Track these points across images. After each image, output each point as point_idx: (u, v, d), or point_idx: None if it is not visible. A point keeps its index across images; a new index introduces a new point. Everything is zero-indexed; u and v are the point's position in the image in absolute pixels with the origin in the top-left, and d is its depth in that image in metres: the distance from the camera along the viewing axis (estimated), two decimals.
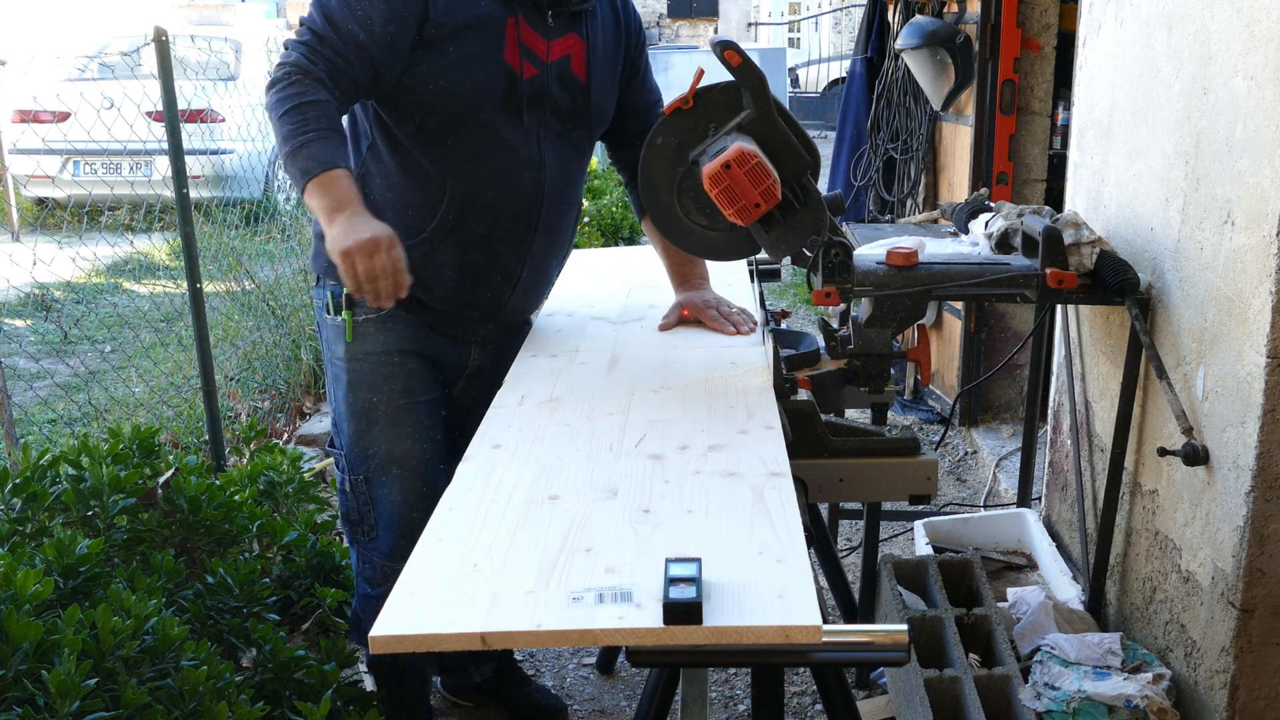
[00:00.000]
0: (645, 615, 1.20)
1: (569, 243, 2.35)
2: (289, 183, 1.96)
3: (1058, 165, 4.06)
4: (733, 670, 2.86)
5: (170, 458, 2.84)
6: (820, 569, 2.53)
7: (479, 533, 1.41)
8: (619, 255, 3.19)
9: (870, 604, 2.64)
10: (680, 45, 20.67)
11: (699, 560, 1.26)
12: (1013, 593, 2.55)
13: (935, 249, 2.60)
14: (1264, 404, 1.91)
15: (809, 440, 1.95)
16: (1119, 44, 2.55)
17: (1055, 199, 4.03)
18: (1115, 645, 2.27)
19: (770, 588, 1.24)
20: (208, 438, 3.53)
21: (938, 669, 2.20)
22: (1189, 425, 2.12)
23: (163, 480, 2.62)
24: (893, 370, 2.30)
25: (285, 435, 4.27)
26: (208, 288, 3.60)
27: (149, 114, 4.10)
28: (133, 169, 6.83)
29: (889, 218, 4.95)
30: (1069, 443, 2.87)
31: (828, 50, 21.35)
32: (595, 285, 2.71)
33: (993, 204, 2.82)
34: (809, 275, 2.17)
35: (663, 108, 2.33)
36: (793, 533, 1.37)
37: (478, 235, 2.12)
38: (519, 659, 2.93)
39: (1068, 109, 3.60)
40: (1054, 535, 2.96)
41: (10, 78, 7.90)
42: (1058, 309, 3.00)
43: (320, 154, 1.84)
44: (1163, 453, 2.23)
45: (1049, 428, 3.11)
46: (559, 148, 2.16)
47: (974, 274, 2.29)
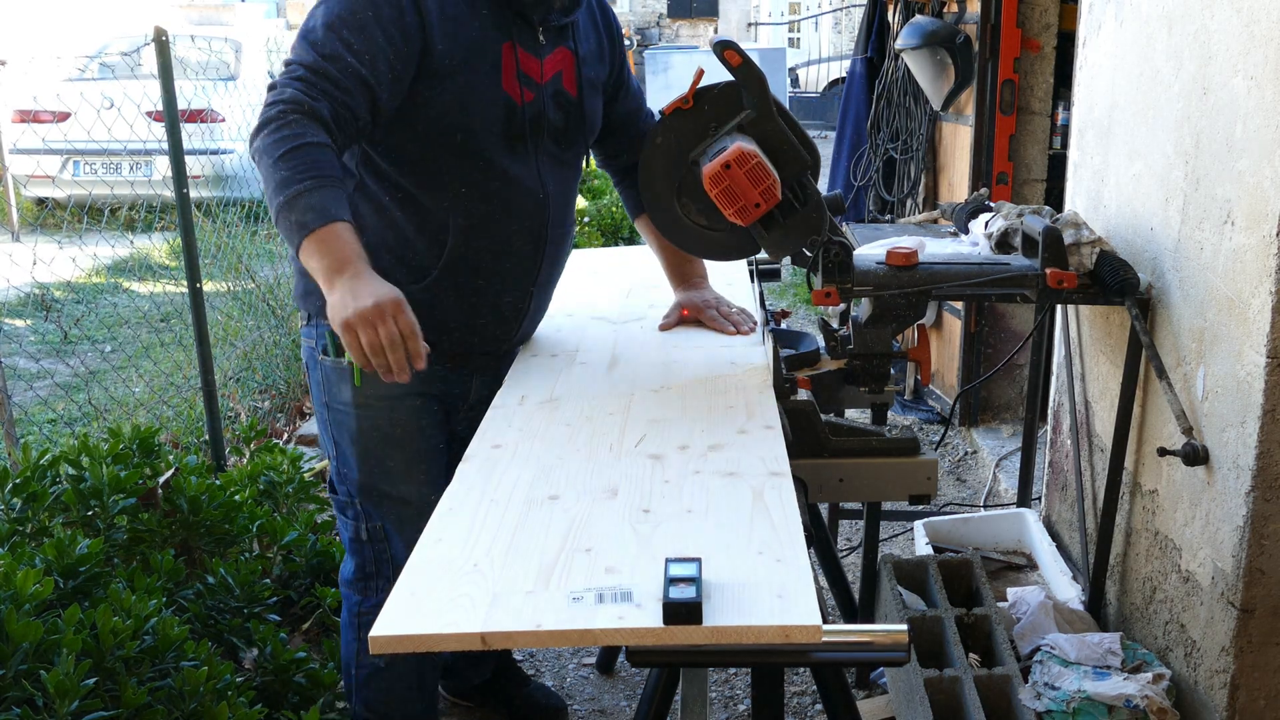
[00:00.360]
0: (645, 615, 1.20)
1: (566, 262, 2.27)
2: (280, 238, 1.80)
3: (1058, 165, 4.06)
4: (733, 670, 2.86)
5: (170, 458, 2.84)
6: (820, 569, 2.53)
7: (479, 533, 1.41)
8: (619, 255, 3.19)
9: (870, 604, 2.64)
10: (680, 45, 20.69)
11: (699, 560, 1.26)
12: (1013, 593, 2.55)
13: (935, 249, 2.60)
14: (1264, 404, 1.91)
15: (809, 440, 1.95)
16: (1119, 44, 2.55)
17: (1055, 199, 4.03)
18: (1115, 645, 2.27)
19: (770, 587, 1.24)
20: (208, 438, 3.54)
21: (938, 669, 2.20)
22: (1189, 425, 2.12)
23: (163, 480, 2.62)
24: (893, 370, 2.30)
25: (285, 435, 4.27)
26: (208, 287, 3.60)
27: (149, 114, 4.11)
28: (133, 169, 6.84)
29: (889, 218, 4.94)
30: (1069, 443, 2.87)
31: (828, 50, 21.36)
32: (595, 285, 2.71)
33: (993, 204, 2.82)
34: (809, 275, 2.17)
35: (646, 112, 2.31)
36: (792, 532, 1.37)
37: (485, 270, 2.03)
38: (519, 659, 2.93)
39: (1068, 109, 3.59)
40: (1054, 535, 2.96)
41: (10, 78, 7.89)
42: (1058, 309, 3.00)
43: (319, 205, 1.66)
44: (1163, 453, 2.23)
45: (1049, 428, 3.11)
46: (557, 171, 2.07)
47: (974, 274, 2.29)
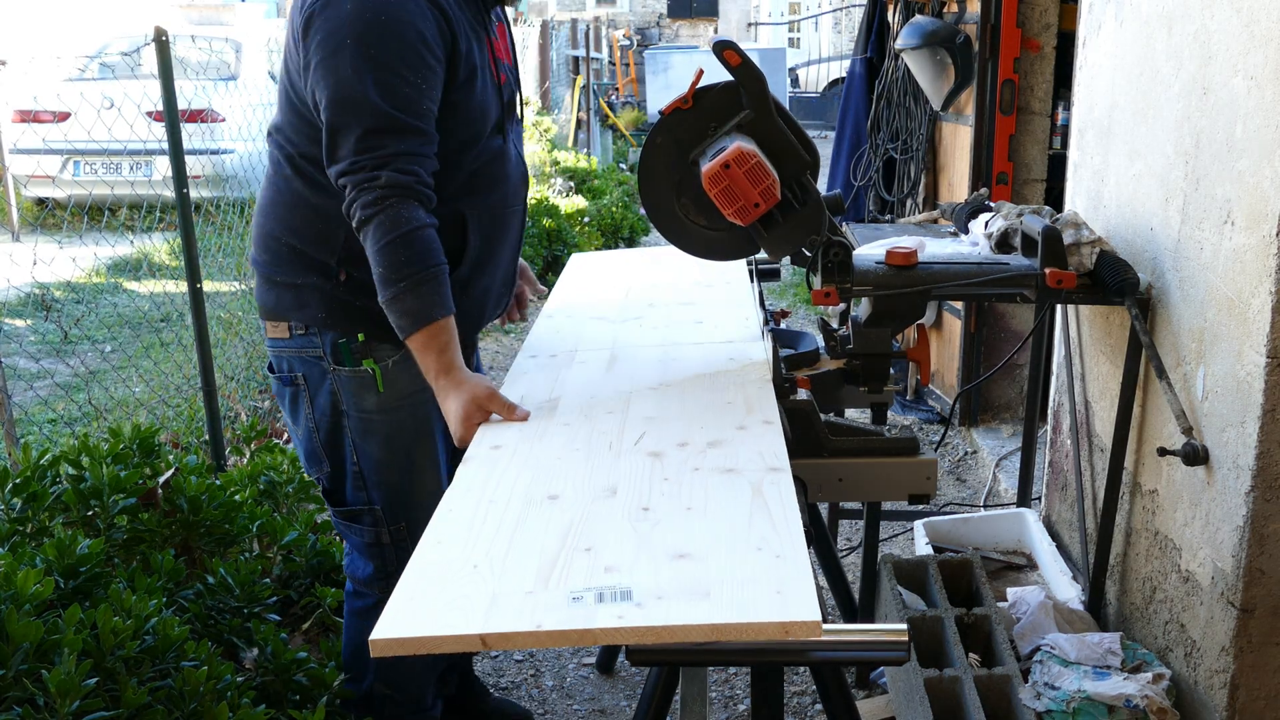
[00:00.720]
0: (645, 614, 1.19)
1: None
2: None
3: (1058, 165, 4.06)
4: (733, 670, 2.86)
5: (170, 458, 2.84)
6: (820, 569, 2.53)
7: (478, 534, 1.41)
8: (619, 257, 3.20)
9: (870, 604, 2.64)
10: (680, 45, 20.68)
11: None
12: (1013, 593, 2.55)
13: (935, 249, 2.60)
14: (1264, 404, 1.91)
15: (808, 440, 1.95)
16: (1119, 44, 2.55)
17: (1055, 199, 4.03)
18: (1115, 645, 2.27)
19: (769, 583, 1.24)
20: (208, 438, 3.54)
21: (938, 669, 2.20)
22: (1189, 425, 2.12)
23: (163, 480, 2.62)
24: (892, 370, 2.30)
25: (285, 435, 4.27)
26: (208, 287, 3.60)
27: (149, 114, 4.10)
28: (133, 169, 6.83)
29: (889, 218, 4.94)
30: (1069, 443, 2.87)
31: (828, 50, 21.36)
32: (595, 286, 2.71)
33: (993, 204, 2.82)
34: (808, 275, 2.17)
35: None
36: (792, 528, 1.37)
37: (495, 249, 2.10)
38: (518, 658, 2.93)
39: (1068, 109, 3.59)
40: (1054, 535, 2.96)
41: (10, 78, 7.89)
42: (1058, 309, 3.00)
43: (426, 301, 1.81)
44: (1163, 453, 2.23)
45: (1049, 428, 3.11)
46: (518, 138, 2.16)
47: (973, 274, 2.29)
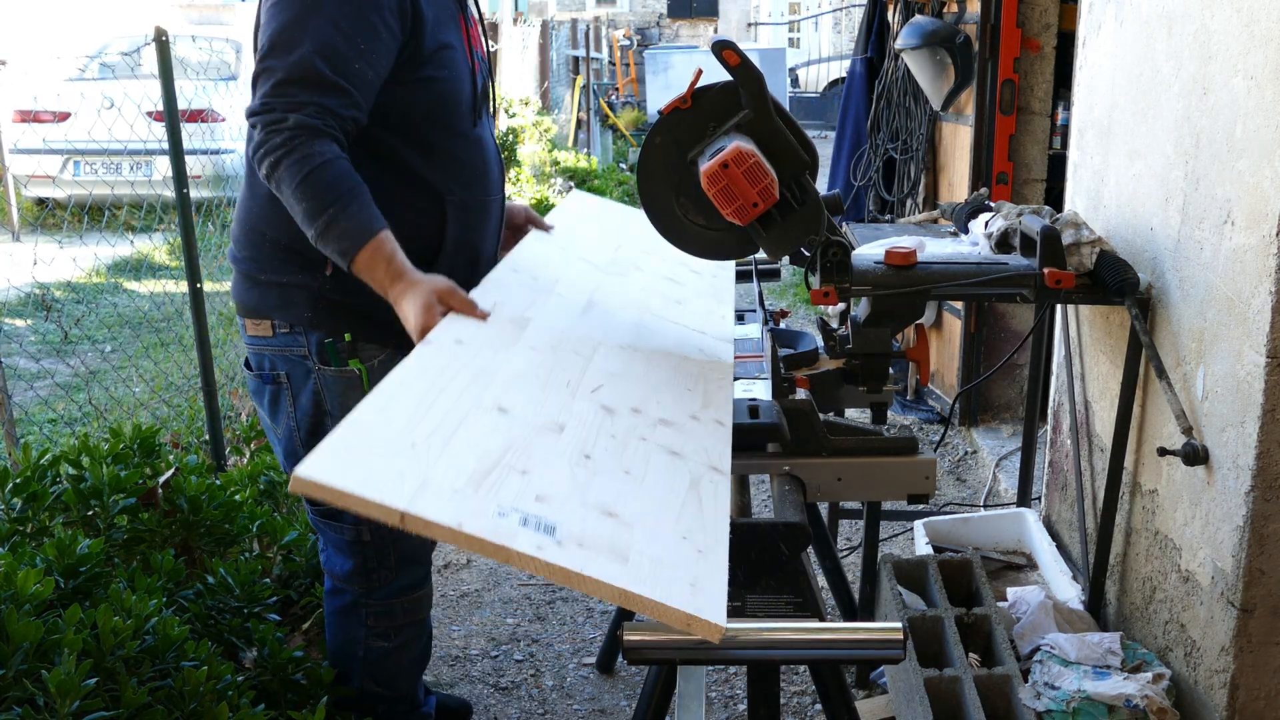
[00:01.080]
0: (564, 554, 1.19)
1: None
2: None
3: (1058, 165, 4.06)
4: (733, 670, 2.86)
5: (170, 457, 2.84)
6: (820, 569, 2.53)
7: (423, 416, 1.38)
8: (617, 212, 3.04)
9: (870, 604, 2.64)
10: (680, 45, 20.68)
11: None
12: (1013, 592, 2.55)
13: (935, 249, 2.60)
14: (1264, 404, 1.91)
15: (807, 439, 1.95)
16: (1119, 44, 2.55)
17: (1055, 199, 4.03)
18: (1115, 645, 2.27)
19: (686, 573, 1.24)
20: (208, 437, 3.54)
21: (938, 669, 2.20)
22: (1189, 425, 2.12)
23: (163, 480, 2.62)
24: (892, 370, 2.30)
25: None
26: (208, 287, 3.60)
27: (149, 114, 4.10)
28: (133, 169, 6.83)
29: (889, 218, 4.94)
30: (1069, 442, 2.87)
31: (828, 50, 21.36)
32: (594, 231, 2.65)
33: (992, 204, 2.82)
34: (807, 275, 2.17)
35: None
36: (719, 529, 1.36)
37: (475, 238, 2.14)
38: (519, 659, 2.94)
39: (1068, 109, 3.59)
40: (1054, 535, 2.96)
41: (10, 78, 7.90)
42: (1058, 309, 3.00)
43: (356, 220, 1.78)
44: (1163, 452, 2.23)
45: (1049, 427, 3.11)
46: (491, 132, 2.20)
47: (972, 274, 2.29)
